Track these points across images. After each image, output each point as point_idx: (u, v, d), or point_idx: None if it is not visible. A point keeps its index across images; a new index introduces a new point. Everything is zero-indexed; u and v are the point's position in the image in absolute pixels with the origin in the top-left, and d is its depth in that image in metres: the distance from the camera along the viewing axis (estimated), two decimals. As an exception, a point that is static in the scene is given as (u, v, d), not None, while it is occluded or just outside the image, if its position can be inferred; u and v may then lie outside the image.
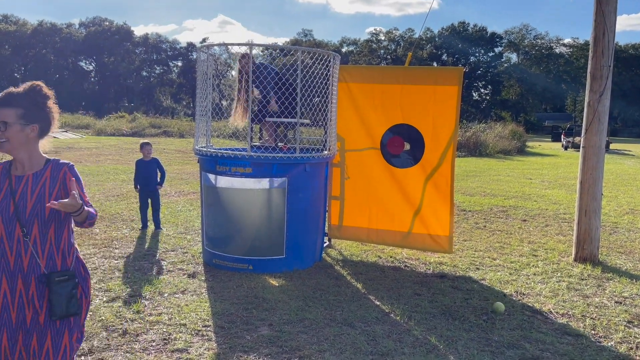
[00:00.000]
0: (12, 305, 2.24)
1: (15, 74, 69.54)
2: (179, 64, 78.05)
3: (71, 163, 2.40)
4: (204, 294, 4.64)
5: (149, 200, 7.08)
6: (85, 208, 2.21)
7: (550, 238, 7.26)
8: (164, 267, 5.40)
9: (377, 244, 6.29)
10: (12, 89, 2.29)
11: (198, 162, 5.75)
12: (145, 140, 7.67)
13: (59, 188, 2.29)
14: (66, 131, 27.43)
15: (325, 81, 5.50)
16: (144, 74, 77.82)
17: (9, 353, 2.27)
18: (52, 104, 2.36)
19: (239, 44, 5.53)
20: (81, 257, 2.44)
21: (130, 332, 3.81)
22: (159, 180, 7.17)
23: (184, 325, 3.97)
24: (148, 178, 7.09)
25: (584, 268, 5.82)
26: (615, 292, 5.07)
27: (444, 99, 5.64)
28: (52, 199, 2.24)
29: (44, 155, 2.38)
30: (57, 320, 2.28)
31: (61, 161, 2.38)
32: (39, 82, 2.34)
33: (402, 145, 5.84)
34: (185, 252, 5.95)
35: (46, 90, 2.35)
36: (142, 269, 5.30)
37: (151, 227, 7.06)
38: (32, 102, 2.28)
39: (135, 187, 7.17)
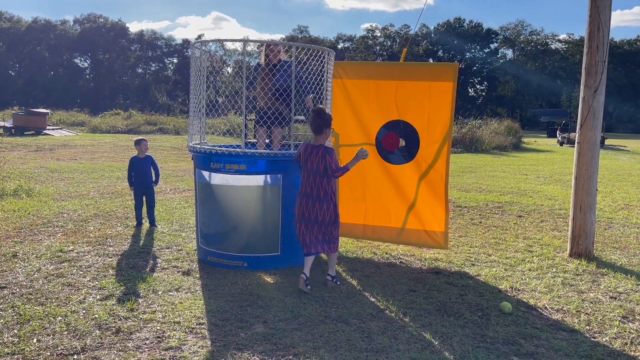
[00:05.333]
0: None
1: (10, 71, 69.18)
2: (175, 60, 77.88)
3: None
4: (198, 292, 4.62)
5: (144, 198, 7.03)
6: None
7: (545, 234, 7.26)
8: (159, 264, 5.38)
9: (373, 240, 6.28)
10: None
11: (192, 159, 5.72)
12: (141, 137, 7.49)
13: None
14: (61, 128, 27.31)
15: (320, 77, 5.47)
16: (140, 70, 77.62)
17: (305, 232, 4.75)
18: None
19: (232, 40, 5.49)
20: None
21: (124, 330, 3.78)
22: (153, 178, 7.12)
23: (178, 323, 3.95)
24: (143, 176, 7.00)
25: (579, 263, 5.83)
26: (610, 287, 5.07)
27: (439, 95, 5.63)
28: None
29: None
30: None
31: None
32: None
33: (397, 141, 5.82)
34: (180, 250, 5.92)
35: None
36: (136, 266, 5.27)
37: (146, 224, 7.03)
38: None
39: (130, 186, 7.09)
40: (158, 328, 3.85)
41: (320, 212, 4.65)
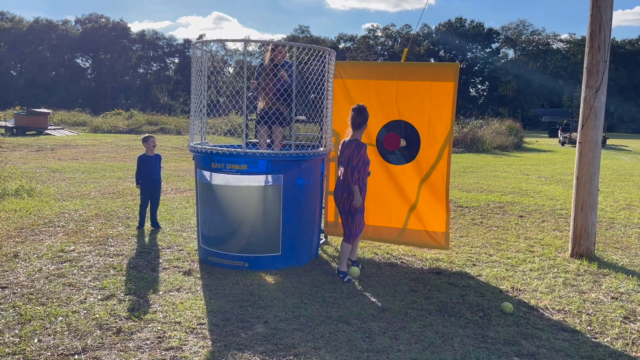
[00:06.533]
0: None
1: (12, 71, 69.24)
2: (176, 60, 77.88)
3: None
4: (199, 292, 4.62)
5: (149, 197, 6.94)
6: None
7: (546, 234, 7.25)
8: (160, 264, 5.38)
9: (374, 240, 6.28)
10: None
11: (193, 159, 5.72)
12: (148, 134, 7.31)
13: None
14: (62, 128, 27.32)
15: (321, 77, 5.47)
16: (141, 70, 77.62)
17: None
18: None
19: (233, 40, 5.48)
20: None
21: (125, 330, 3.78)
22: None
23: (179, 323, 3.95)
24: (151, 174, 6.89)
25: (580, 264, 5.82)
26: (611, 287, 5.07)
27: (440, 95, 5.62)
28: None
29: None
30: None
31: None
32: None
33: (398, 141, 5.82)
34: (181, 250, 5.92)
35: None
36: (137, 266, 5.28)
37: (147, 224, 7.01)
38: None
39: (137, 184, 7.01)
40: (159, 328, 3.85)
41: (347, 199, 5.03)
